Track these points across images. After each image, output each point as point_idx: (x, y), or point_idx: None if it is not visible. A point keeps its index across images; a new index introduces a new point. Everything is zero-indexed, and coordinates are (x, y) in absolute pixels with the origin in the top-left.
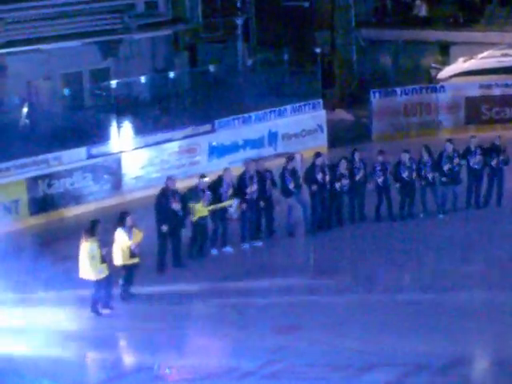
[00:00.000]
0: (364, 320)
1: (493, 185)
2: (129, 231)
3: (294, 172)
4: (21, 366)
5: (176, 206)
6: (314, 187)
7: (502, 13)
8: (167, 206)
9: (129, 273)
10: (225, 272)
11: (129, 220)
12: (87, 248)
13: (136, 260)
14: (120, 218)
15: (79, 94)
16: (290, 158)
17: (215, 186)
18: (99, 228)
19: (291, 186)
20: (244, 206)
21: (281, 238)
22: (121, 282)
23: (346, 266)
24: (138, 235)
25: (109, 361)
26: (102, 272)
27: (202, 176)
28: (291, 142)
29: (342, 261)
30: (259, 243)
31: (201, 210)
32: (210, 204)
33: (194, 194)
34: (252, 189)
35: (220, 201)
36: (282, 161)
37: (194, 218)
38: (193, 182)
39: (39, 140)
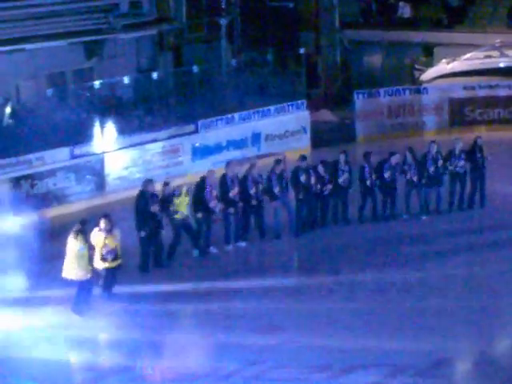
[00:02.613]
0: (347, 321)
1: (476, 186)
2: (98, 235)
3: (281, 176)
4: (2, 368)
5: (155, 208)
6: (301, 196)
7: (485, 14)
8: (146, 209)
9: (108, 274)
10: (208, 273)
11: (101, 223)
12: (77, 247)
13: (112, 264)
14: (99, 221)
15: (63, 93)
16: (278, 161)
17: (198, 189)
18: (88, 228)
19: (276, 189)
20: (230, 209)
21: (265, 240)
22: (101, 282)
23: (329, 267)
24: (109, 240)
25: (91, 361)
26: (87, 272)
27: (166, 183)
28: (275, 142)
29: (325, 262)
30: (242, 244)
31: (177, 204)
32: (194, 203)
33: (164, 201)
34: (234, 191)
35: (205, 203)
36: (265, 161)
37: (177, 216)
38: (176, 182)
39: (22, 140)
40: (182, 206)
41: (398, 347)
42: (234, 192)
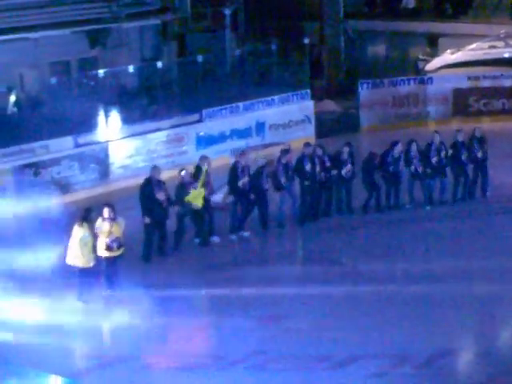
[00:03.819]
0: (349, 311)
1: (478, 177)
2: (102, 224)
3: (287, 166)
4: (6, 355)
5: (161, 195)
6: (307, 182)
7: (490, 5)
8: (152, 196)
9: (110, 264)
10: (211, 262)
11: (105, 212)
12: (80, 234)
13: (115, 252)
14: (101, 209)
15: (67, 82)
16: (285, 151)
17: (194, 176)
18: (94, 216)
19: (283, 180)
20: (233, 197)
21: (268, 229)
22: (104, 271)
23: (332, 257)
24: (114, 228)
25: (94, 349)
26: (90, 261)
27: (181, 169)
28: (279, 132)
29: (328, 252)
30: (246, 233)
31: (196, 195)
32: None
33: (182, 189)
34: (244, 181)
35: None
36: (269, 151)
37: (198, 204)
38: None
39: (26, 128)
40: (199, 198)
41: (400, 338)
42: (244, 181)
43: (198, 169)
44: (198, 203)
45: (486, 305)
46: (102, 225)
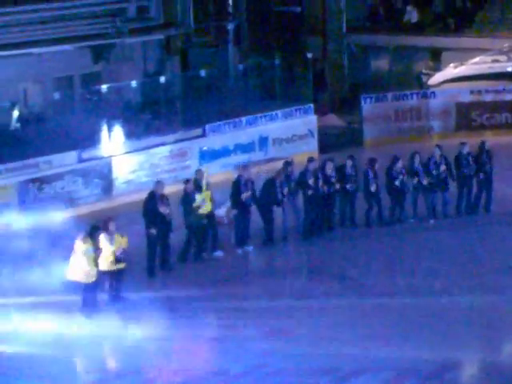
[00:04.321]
0: (353, 324)
1: (483, 191)
2: (111, 237)
3: (288, 177)
4: (8, 369)
5: (164, 209)
6: (309, 192)
7: (493, 19)
8: (155, 210)
9: (114, 278)
10: (215, 276)
11: (111, 225)
12: (83, 250)
13: (121, 265)
14: (103, 223)
15: (70, 98)
16: (288, 163)
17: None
18: (98, 233)
19: (285, 191)
20: (236, 211)
21: (273, 242)
22: (107, 286)
23: (336, 271)
24: (123, 240)
25: (97, 363)
26: (93, 276)
27: (186, 181)
28: (282, 146)
29: (332, 265)
30: (250, 248)
31: (202, 198)
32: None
33: (187, 197)
34: (247, 194)
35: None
36: (272, 166)
37: (207, 208)
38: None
39: (30, 143)
40: (207, 200)
41: (404, 352)
42: (246, 195)
43: (197, 181)
44: (207, 207)
45: (491, 317)
46: (111, 238)
